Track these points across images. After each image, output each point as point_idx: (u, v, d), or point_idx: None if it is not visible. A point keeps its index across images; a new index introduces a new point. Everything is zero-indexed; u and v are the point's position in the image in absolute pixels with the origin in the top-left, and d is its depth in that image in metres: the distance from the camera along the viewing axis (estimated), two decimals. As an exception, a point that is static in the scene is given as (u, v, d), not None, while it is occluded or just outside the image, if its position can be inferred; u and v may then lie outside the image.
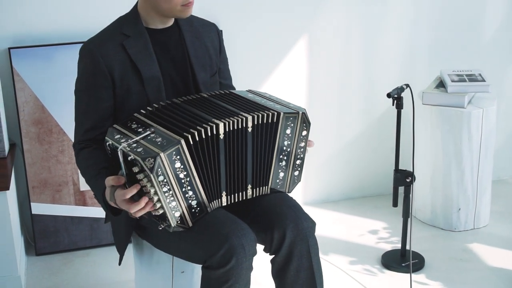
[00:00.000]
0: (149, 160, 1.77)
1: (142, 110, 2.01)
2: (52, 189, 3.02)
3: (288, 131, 1.99)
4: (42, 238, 3.06)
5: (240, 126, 1.92)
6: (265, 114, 1.94)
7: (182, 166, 1.84)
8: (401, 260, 2.94)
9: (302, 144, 2.04)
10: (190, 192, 1.88)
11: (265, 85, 3.33)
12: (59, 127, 2.97)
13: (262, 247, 2.08)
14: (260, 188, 2.04)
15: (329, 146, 3.55)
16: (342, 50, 3.43)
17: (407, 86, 2.77)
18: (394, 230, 3.27)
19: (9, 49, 2.89)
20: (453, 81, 3.16)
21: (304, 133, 2.02)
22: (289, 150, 2.02)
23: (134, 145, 1.84)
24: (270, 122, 1.96)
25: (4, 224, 2.63)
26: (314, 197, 3.58)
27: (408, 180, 2.79)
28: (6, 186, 2.58)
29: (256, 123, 1.94)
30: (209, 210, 1.94)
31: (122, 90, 2.04)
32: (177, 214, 1.88)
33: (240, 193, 2.01)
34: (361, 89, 3.52)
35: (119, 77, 2.02)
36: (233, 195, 2.00)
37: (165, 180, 1.81)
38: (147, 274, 2.26)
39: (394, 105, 2.77)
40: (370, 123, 3.59)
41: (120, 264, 2.22)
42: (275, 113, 1.96)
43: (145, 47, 2.05)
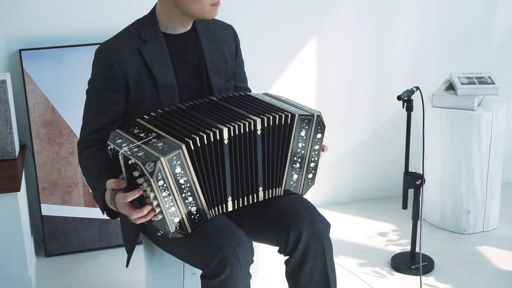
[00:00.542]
0: (149, 164, 1.76)
1: (145, 116, 2.01)
2: (62, 190, 3.03)
3: (302, 133, 1.99)
4: (52, 239, 3.06)
5: (248, 130, 1.91)
6: (276, 116, 1.94)
7: (182, 172, 1.83)
8: (410, 262, 2.94)
9: (317, 147, 2.04)
10: (190, 198, 1.87)
11: (274, 87, 3.33)
12: (69, 129, 2.98)
13: (275, 249, 2.08)
14: (273, 189, 2.03)
15: (338, 148, 3.54)
16: (351, 52, 3.43)
17: (417, 88, 2.77)
18: (403, 233, 3.27)
19: (20, 50, 2.90)
20: (462, 83, 3.15)
21: (318, 136, 2.02)
22: (303, 152, 2.02)
23: (135, 149, 1.83)
24: (283, 123, 1.95)
25: (15, 225, 2.63)
26: (324, 199, 3.58)
27: (418, 182, 2.78)
28: (17, 188, 2.59)
29: (266, 125, 1.93)
30: (209, 217, 1.93)
31: (136, 95, 2.04)
32: (176, 219, 1.87)
33: (250, 196, 2.00)
34: (370, 91, 3.52)
35: (134, 82, 2.03)
36: (241, 199, 1.98)
37: (165, 185, 1.80)
38: (158, 275, 2.26)
39: (404, 107, 2.77)
40: (379, 125, 3.58)
41: (127, 266, 2.22)
42: (289, 114, 1.95)
43: (161, 53, 2.05)
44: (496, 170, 3.21)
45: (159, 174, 1.78)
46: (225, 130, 1.88)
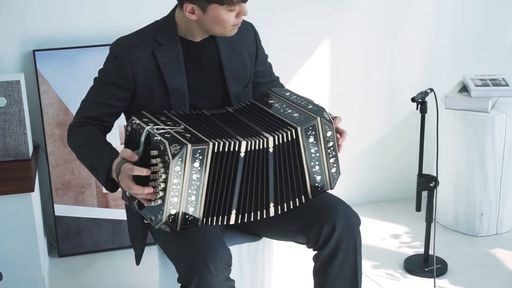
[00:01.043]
0: (175, 146, 1.76)
1: (172, 111, 2.01)
2: (75, 191, 3.04)
3: (311, 140, 1.98)
4: (65, 239, 3.07)
5: (261, 147, 1.91)
6: (284, 134, 1.93)
7: (199, 168, 1.82)
8: (424, 265, 2.92)
9: (331, 144, 2.03)
10: (193, 197, 1.86)
11: (287, 87, 3.32)
12: (83, 129, 2.98)
13: (290, 250, 2.08)
14: (288, 203, 2.01)
15: (351, 150, 3.52)
16: (364, 53, 3.42)
17: (431, 90, 2.76)
18: (416, 235, 3.25)
19: (33, 51, 2.91)
20: (476, 85, 3.14)
21: (329, 133, 2.01)
22: (318, 155, 2.01)
23: (163, 131, 1.84)
24: (290, 139, 1.95)
25: (28, 225, 2.64)
26: (335, 200, 3.57)
27: (431, 184, 2.77)
28: (30, 188, 2.59)
29: (277, 143, 1.93)
30: (199, 224, 1.90)
31: (145, 96, 2.04)
32: (172, 211, 1.84)
33: (258, 211, 1.98)
34: (383, 93, 3.51)
35: (143, 84, 2.02)
36: (246, 214, 1.96)
37: (179, 172, 1.79)
38: (171, 276, 2.25)
39: (418, 109, 2.76)
40: (392, 127, 3.57)
41: (138, 263, 2.21)
42: (292, 130, 1.94)
43: (175, 58, 2.04)
44: (510, 172, 3.19)
45: (180, 159, 1.77)
46: (243, 143, 1.88)
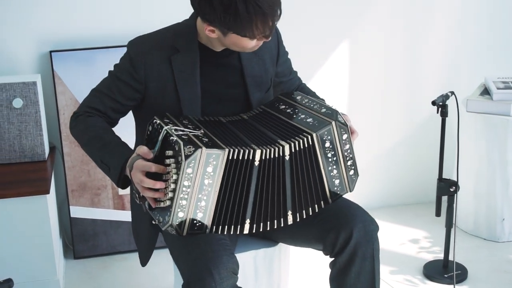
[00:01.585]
0: (189, 147, 1.74)
1: (194, 116, 2.00)
2: (91, 192, 3.02)
3: (327, 144, 1.94)
4: (80, 241, 3.05)
5: (277, 155, 1.87)
6: (300, 141, 1.89)
7: (212, 173, 1.79)
8: (443, 271, 2.87)
9: (347, 146, 1.99)
10: (203, 202, 1.81)
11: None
12: (99, 131, 2.97)
13: (307, 257, 2.05)
14: (307, 209, 1.97)
15: (369, 152, 3.50)
16: (384, 55, 3.38)
17: (452, 93, 2.71)
18: (436, 240, 3.20)
19: (50, 52, 2.89)
20: (498, 88, 3.08)
21: (344, 136, 1.97)
22: (335, 159, 1.97)
23: (181, 133, 1.82)
24: (306, 146, 1.90)
25: (43, 227, 2.62)
26: (353, 204, 3.53)
27: (451, 189, 2.73)
28: (46, 190, 2.58)
29: (293, 151, 1.89)
30: (207, 231, 1.86)
31: (155, 101, 2.01)
32: (180, 214, 1.80)
33: (275, 220, 1.93)
34: (403, 95, 3.46)
35: (155, 89, 1.99)
36: (262, 224, 1.91)
37: (191, 174, 1.76)
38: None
39: (438, 112, 2.71)
40: (412, 130, 3.53)
41: (144, 265, 2.19)
42: (308, 136, 1.90)
43: (192, 67, 1.99)
44: (532, 177, 3.14)
45: (193, 161, 1.74)
46: (258, 152, 1.84)
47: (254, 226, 1.90)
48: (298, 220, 1.96)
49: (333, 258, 2.05)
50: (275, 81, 2.24)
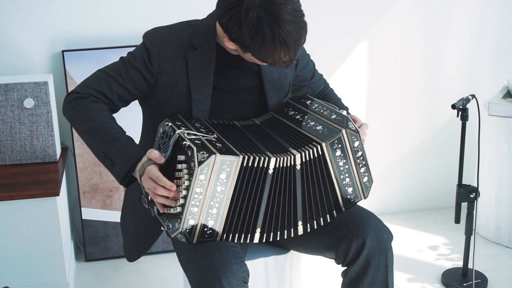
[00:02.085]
0: (203, 153, 1.68)
1: (206, 119, 1.95)
2: (102, 194, 2.98)
3: (338, 153, 1.87)
4: (92, 244, 3.01)
5: (289, 164, 1.81)
6: (310, 150, 1.83)
7: (225, 180, 1.73)
8: (462, 279, 2.79)
9: (359, 153, 1.92)
10: (215, 210, 1.76)
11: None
12: (111, 132, 2.92)
13: (318, 264, 1.98)
14: (318, 219, 1.91)
15: (387, 156, 3.43)
16: (403, 56, 3.30)
17: (473, 96, 2.63)
18: (455, 246, 3.12)
19: (62, 52, 2.85)
20: (521, 91, 3.00)
21: (356, 143, 1.90)
22: (347, 167, 1.90)
23: (194, 137, 1.76)
24: (316, 155, 1.84)
25: (53, 230, 2.58)
26: (370, 208, 3.44)
27: (472, 195, 2.65)
28: (56, 192, 2.53)
29: (304, 161, 1.83)
30: (217, 239, 1.81)
31: (164, 96, 1.94)
32: (191, 222, 1.75)
33: (285, 230, 1.88)
34: (422, 97, 3.39)
35: (166, 83, 1.93)
36: (272, 233, 1.86)
37: (204, 181, 1.70)
38: None
39: (458, 116, 2.63)
40: (431, 134, 3.45)
41: (131, 260, 2.15)
42: (318, 146, 1.83)
43: (207, 67, 1.93)
44: (555, 183, 3.04)
45: (206, 168, 1.69)
46: (272, 160, 1.78)
47: (265, 235, 1.85)
48: (308, 230, 1.91)
49: (345, 268, 1.98)
50: (296, 84, 2.19)
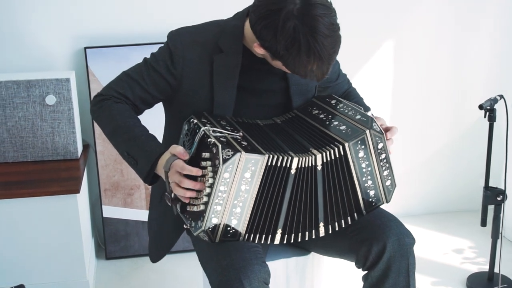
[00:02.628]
0: (228, 151, 1.66)
1: (232, 117, 1.92)
2: (124, 192, 2.96)
3: (361, 154, 1.83)
4: (112, 242, 3.00)
5: (310, 164, 1.78)
6: (332, 150, 1.79)
7: (250, 179, 1.71)
8: (488, 284, 2.73)
9: (383, 155, 1.88)
10: (239, 209, 1.73)
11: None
12: (133, 130, 2.91)
13: (338, 266, 1.94)
14: (340, 221, 1.87)
15: (412, 156, 3.37)
16: (430, 55, 3.24)
17: (501, 97, 2.57)
18: (481, 250, 3.06)
19: (85, 48, 2.84)
20: (551, 92, 2.93)
21: (380, 145, 1.86)
22: (370, 169, 1.86)
23: (220, 134, 1.73)
24: (338, 156, 1.80)
25: (73, 227, 2.57)
26: (393, 210, 3.39)
27: (499, 198, 2.59)
28: (76, 190, 2.52)
29: (325, 161, 1.80)
30: (240, 239, 1.78)
31: (186, 99, 1.92)
32: (214, 220, 1.72)
33: (306, 232, 1.84)
34: (448, 98, 3.33)
35: (190, 86, 1.90)
36: (293, 235, 1.82)
37: (228, 180, 1.68)
38: None
39: (486, 117, 2.57)
40: (457, 135, 3.39)
41: (154, 261, 2.13)
42: (340, 146, 1.80)
43: (232, 70, 1.89)
44: None
45: (231, 166, 1.66)
46: (295, 160, 1.75)
47: (286, 236, 1.82)
48: (330, 232, 1.87)
49: (366, 272, 1.94)
50: (321, 86, 2.15)
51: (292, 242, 1.83)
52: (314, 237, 1.85)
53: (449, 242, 3.17)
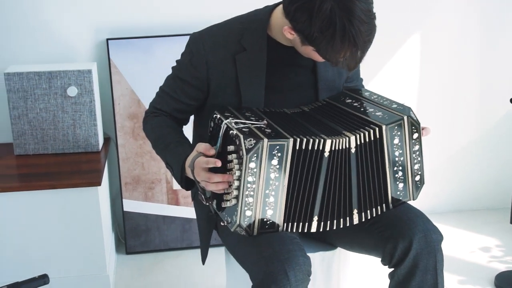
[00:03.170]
0: (250, 140, 1.62)
1: (258, 108, 1.88)
2: (144, 186, 2.92)
3: (396, 141, 1.78)
4: (132, 236, 2.96)
5: (343, 147, 1.72)
6: (366, 132, 1.74)
7: (278, 166, 1.66)
8: (517, 283, 2.67)
9: (417, 147, 1.83)
10: (272, 198, 1.69)
11: (374, 83, 3.12)
12: (155, 123, 2.87)
13: (365, 262, 1.89)
14: (371, 210, 1.83)
15: (438, 153, 3.31)
16: (457, 49, 3.18)
17: (533, 90, 2.51)
18: (509, 249, 2.99)
19: (107, 40, 2.81)
20: None
21: (415, 135, 1.81)
22: (402, 159, 1.80)
23: (242, 125, 1.70)
24: (373, 139, 1.75)
25: (94, 221, 2.53)
26: (419, 207, 3.33)
27: (529, 195, 2.52)
28: (98, 182, 2.48)
29: (359, 143, 1.74)
30: (279, 229, 1.74)
31: (216, 99, 1.89)
32: (248, 213, 1.68)
33: (341, 219, 1.79)
34: (477, 92, 3.26)
35: (216, 87, 1.87)
36: (329, 222, 1.77)
37: (255, 169, 1.64)
38: (240, 282, 2.11)
39: (517, 111, 2.50)
40: (485, 131, 3.32)
41: (203, 263, 2.08)
42: (376, 128, 1.74)
43: (257, 68, 1.85)
44: None
45: (255, 155, 1.62)
46: (328, 142, 1.70)
47: (322, 224, 1.77)
48: (363, 220, 1.82)
49: (392, 269, 1.88)
50: (345, 83, 2.10)
51: (328, 230, 1.78)
52: (348, 224, 1.80)
53: (475, 241, 3.10)
